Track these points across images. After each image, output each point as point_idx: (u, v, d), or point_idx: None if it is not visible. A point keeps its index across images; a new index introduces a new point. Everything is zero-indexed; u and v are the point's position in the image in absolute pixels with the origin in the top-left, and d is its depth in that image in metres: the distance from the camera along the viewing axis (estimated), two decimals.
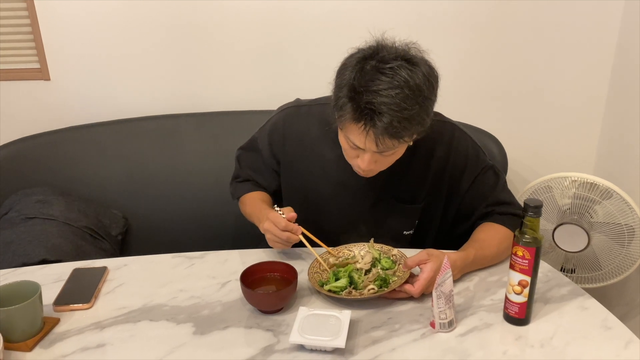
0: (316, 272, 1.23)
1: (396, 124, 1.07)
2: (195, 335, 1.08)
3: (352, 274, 1.19)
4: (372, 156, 1.16)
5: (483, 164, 1.36)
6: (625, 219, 1.69)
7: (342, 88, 1.12)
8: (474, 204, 1.36)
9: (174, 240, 1.90)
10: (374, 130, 1.08)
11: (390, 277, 1.19)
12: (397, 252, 1.26)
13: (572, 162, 2.14)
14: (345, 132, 1.16)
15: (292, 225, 1.23)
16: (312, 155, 1.37)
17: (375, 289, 1.15)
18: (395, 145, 1.13)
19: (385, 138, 1.09)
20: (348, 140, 1.17)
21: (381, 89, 1.07)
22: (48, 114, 2.02)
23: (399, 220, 1.36)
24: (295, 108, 1.40)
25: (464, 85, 2.05)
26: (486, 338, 1.06)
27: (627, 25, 1.90)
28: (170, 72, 2.01)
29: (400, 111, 1.06)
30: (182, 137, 1.95)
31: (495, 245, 1.28)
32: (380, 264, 1.23)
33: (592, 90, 2.04)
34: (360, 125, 1.09)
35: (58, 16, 1.91)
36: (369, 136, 1.10)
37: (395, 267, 1.23)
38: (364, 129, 1.09)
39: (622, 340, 1.05)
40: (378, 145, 1.11)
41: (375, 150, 1.14)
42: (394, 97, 1.06)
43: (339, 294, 1.15)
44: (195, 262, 1.32)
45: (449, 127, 1.35)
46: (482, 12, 1.94)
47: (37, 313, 1.06)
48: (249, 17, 1.94)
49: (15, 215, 1.69)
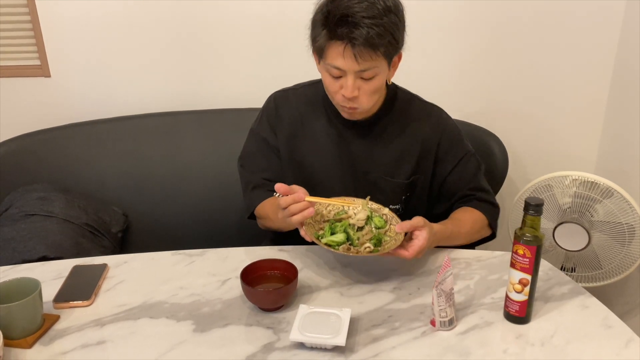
0: (309, 222, 1.22)
1: (371, 32, 1.14)
2: (195, 333, 1.08)
3: (348, 230, 1.21)
4: (354, 81, 1.21)
5: (467, 150, 1.43)
6: (626, 218, 1.69)
7: (316, 23, 1.21)
8: (456, 187, 1.42)
9: (174, 237, 1.90)
10: (351, 41, 1.15)
11: (383, 236, 1.21)
12: (388, 212, 1.27)
13: (573, 161, 2.13)
14: (324, 60, 1.22)
15: (288, 200, 1.18)
16: (303, 131, 1.42)
17: (372, 248, 1.17)
18: (373, 59, 1.18)
19: (362, 48, 1.15)
20: (329, 69, 1.22)
21: (352, 4, 1.15)
22: (48, 111, 2.02)
23: (386, 194, 1.39)
24: (282, 91, 1.47)
25: (466, 84, 2.05)
26: (487, 336, 1.06)
27: (629, 24, 1.90)
28: (171, 69, 2.01)
29: (373, 18, 1.14)
30: (182, 135, 1.95)
31: (469, 226, 1.35)
32: (373, 222, 1.25)
33: (594, 89, 2.04)
34: (338, 43, 1.17)
35: (59, 13, 1.91)
36: (347, 51, 1.16)
37: (387, 227, 1.24)
38: (342, 44, 1.16)
39: (622, 339, 1.05)
40: (358, 60, 1.16)
41: (357, 68, 1.18)
42: (366, 9, 1.14)
43: (336, 248, 1.17)
44: (196, 260, 1.32)
45: (437, 109, 1.44)
46: (483, 11, 1.94)
47: (37, 310, 1.06)
48: (250, 15, 1.94)
49: (15, 212, 1.69)
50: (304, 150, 1.42)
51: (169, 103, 2.02)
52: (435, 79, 2.01)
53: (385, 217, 1.27)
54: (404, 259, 1.19)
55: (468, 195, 1.42)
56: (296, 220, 1.17)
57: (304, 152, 1.42)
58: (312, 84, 1.45)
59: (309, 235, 1.17)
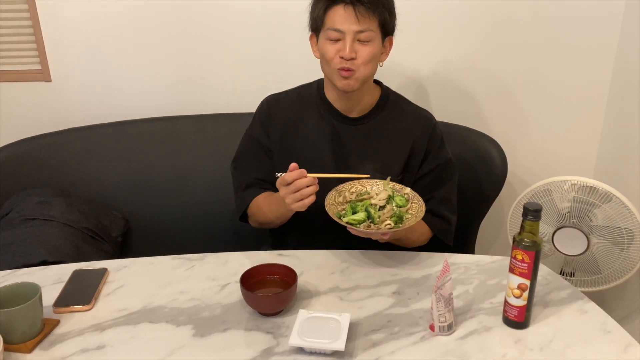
0: (332, 204, 1.26)
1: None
2: (195, 337, 1.08)
3: (369, 209, 1.24)
4: (352, 42, 1.29)
5: (447, 157, 1.47)
6: (625, 223, 1.69)
7: (316, 1, 1.33)
8: (424, 189, 1.42)
9: (174, 241, 1.90)
10: (352, 3, 1.26)
11: (405, 214, 1.24)
12: (410, 191, 1.30)
13: (572, 165, 2.14)
14: (324, 28, 1.31)
15: (293, 175, 1.20)
16: (296, 129, 1.45)
17: (392, 225, 1.20)
18: (371, 19, 1.28)
19: (362, 9, 1.26)
20: (329, 33, 1.30)
21: None
22: (49, 116, 2.02)
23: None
24: (273, 96, 1.51)
25: (464, 87, 2.05)
26: (485, 341, 1.07)
27: (628, 27, 1.90)
28: (171, 74, 2.01)
29: None
30: (182, 139, 1.95)
31: (416, 236, 1.41)
32: (394, 201, 1.27)
33: (593, 93, 2.04)
34: (339, 6, 1.28)
35: (59, 18, 1.92)
36: (348, 9, 1.27)
37: (408, 205, 1.27)
38: (342, 6, 1.27)
39: (621, 344, 1.05)
40: (358, 18, 1.27)
41: (356, 28, 1.28)
42: None
43: (357, 226, 1.19)
44: (195, 264, 1.32)
45: (427, 112, 1.48)
46: (483, 13, 1.94)
47: (37, 314, 1.06)
48: (250, 19, 1.94)
49: (15, 216, 1.69)
50: (297, 147, 1.44)
51: (169, 108, 2.02)
52: (435, 83, 2.01)
53: (407, 196, 1.29)
54: (405, 263, 1.19)
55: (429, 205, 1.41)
56: (297, 205, 1.20)
57: (298, 149, 1.44)
58: (303, 85, 1.50)
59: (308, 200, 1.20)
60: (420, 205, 1.26)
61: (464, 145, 1.79)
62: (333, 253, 1.36)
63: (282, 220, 1.41)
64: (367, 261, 1.32)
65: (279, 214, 1.37)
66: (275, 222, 1.43)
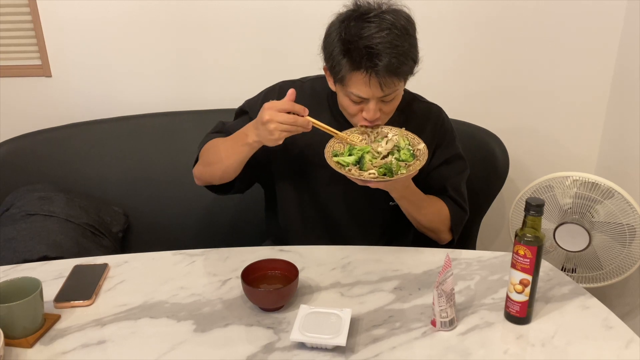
0: (337, 143, 1.25)
1: (394, 61, 1.14)
2: (195, 333, 1.08)
3: (365, 155, 1.22)
4: (376, 105, 1.22)
5: (457, 151, 1.45)
6: (627, 219, 1.69)
7: (333, 49, 1.19)
8: (436, 183, 1.42)
9: (174, 237, 1.90)
10: (376, 71, 1.15)
11: (400, 168, 1.20)
12: (423, 148, 1.25)
13: (574, 161, 2.13)
14: (346, 88, 1.21)
15: (297, 106, 1.19)
16: None
17: (375, 175, 1.18)
18: (396, 85, 1.19)
19: (387, 77, 1.16)
20: (351, 95, 1.22)
21: (372, 33, 1.14)
22: (49, 111, 2.02)
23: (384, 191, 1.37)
24: (289, 81, 1.45)
25: (467, 84, 2.05)
26: (487, 337, 1.06)
27: (630, 25, 1.90)
28: (172, 69, 2.01)
29: (395, 48, 1.14)
30: (183, 134, 1.95)
31: (433, 210, 1.38)
32: (400, 154, 1.24)
33: (595, 89, 2.04)
34: (361, 72, 1.16)
35: (60, 13, 1.91)
36: (372, 80, 1.16)
37: (412, 162, 1.23)
38: (366, 74, 1.16)
39: (623, 340, 1.05)
40: (382, 88, 1.17)
41: (380, 95, 1.19)
42: (386, 37, 1.14)
43: (346, 169, 1.19)
44: (196, 260, 1.32)
45: (437, 108, 1.45)
46: (484, 11, 1.94)
47: (37, 309, 1.06)
48: (250, 15, 1.94)
49: (16, 211, 1.69)
50: (301, 143, 1.37)
51: (169, 103, 2.02)
52: (437, 79, 2.01)
53: (418, 152, 1.25)
54: (406, 259, 1.19)
55: (444, 191, 1.43)
56: (279, 133, 1.15)
57: (302, 144, 1.37)
58: (318, 77, 1.43)
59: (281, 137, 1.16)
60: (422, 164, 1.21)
61: (466, 141, 1.77)
62: (334, 249, 1.35)
63: (228, 163, 1.29)
64: (368, 257, 1.32)
65: (233, 151, 1.27)
66: (223, 163, 1.30)
